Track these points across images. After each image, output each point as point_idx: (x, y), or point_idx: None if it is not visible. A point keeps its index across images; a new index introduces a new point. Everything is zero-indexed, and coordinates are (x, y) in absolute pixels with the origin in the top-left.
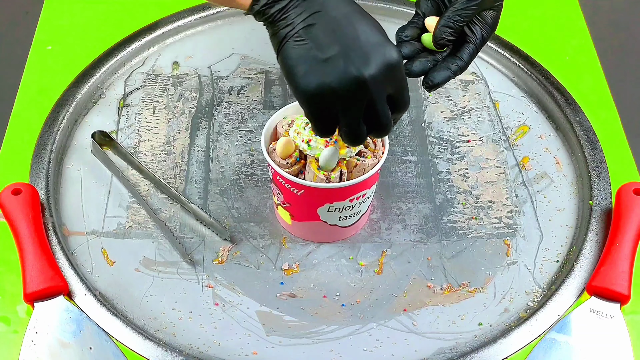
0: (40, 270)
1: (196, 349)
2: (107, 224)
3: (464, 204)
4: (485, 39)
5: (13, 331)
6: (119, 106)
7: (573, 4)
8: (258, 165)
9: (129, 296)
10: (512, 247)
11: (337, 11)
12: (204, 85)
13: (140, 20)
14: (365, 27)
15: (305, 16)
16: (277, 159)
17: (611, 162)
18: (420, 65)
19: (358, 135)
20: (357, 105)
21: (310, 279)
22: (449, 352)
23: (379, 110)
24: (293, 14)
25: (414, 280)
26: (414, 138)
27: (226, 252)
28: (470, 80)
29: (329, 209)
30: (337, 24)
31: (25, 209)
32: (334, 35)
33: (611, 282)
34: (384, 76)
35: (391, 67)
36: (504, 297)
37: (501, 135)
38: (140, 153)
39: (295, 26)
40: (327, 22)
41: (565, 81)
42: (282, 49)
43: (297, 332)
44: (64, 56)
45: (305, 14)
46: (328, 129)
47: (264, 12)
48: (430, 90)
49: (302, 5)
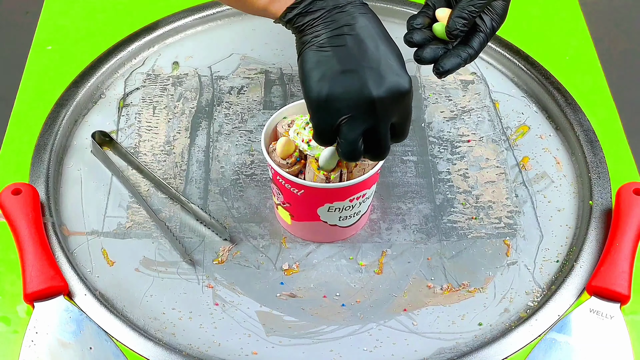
0: (40, 270)
1: (196, 349)
2: (107, 224)
3: (464, 204)
4: (495, 29)
5: (13, 331)
6: (119, 106)
7: (573, 4)
8: (258, 165)
9: (129, 296)
10: (512, 247)
11: (365, 30)
12: (204, 85)
13: (140, 20)
14: (387, 52)
15: (333, 27)
16: (277, 159)
17: (611, 162)
18: (432, 52)
19: (353, 152)
20: (360, 123)
21: (310, 279)
22: (449, 352)
23: (380, 134)
24: (322, 25)
25: (414, 280)
26: (414, 138)
27: (226, 252)
28: (470, 80)
29: (329, 209)
30: (362, 41)
31: (25, 209)
32: (356, 52)
33: (611, 282)
34: (392, 102)
35: (401, 95)
36: (504, 297)
37: (501, 135)
38: (140, 153)
39: (321, 35)
40: (352, 38)
41: (565, 81)
42: (304, 53)
43: (297, 332)
44: (64, 56)
45: (334, 25)
46: (328, 138)
47: (295, 21)
48: (440, 76)
49: (332, 17)
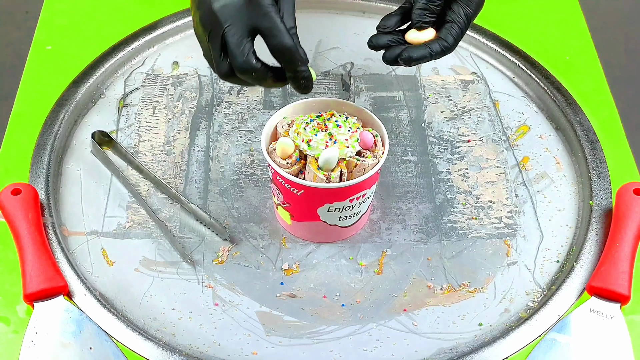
0: (40, 271)
1: (196, 349)
2: (106, 224)
3: (464, 204)
4: (470, 18)
5: (13, 331)
6: (119, 106)
7: (573, 4)
8: (258, 165)
9: (129, 296)
10: (512, 247)
11: None
12: (204, 85)
13: (140, 20)
14: None
15: None
16: (277, 159)
17: (611, 162)
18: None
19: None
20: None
21: (310, 279)
22: (449, 353)
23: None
24: None
25: (414, 281)
26: (414, 138)
27: (226, 252)
28: (470, 80)
29: (329, 209)
30: None
31: (25, 209)
32: None
33: (611, 283)
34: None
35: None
36: (504, 297)
37: (501, 135)
38: (140, 153)
39: None
40: None
41: (566, 81)
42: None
43: (297, 332)
44: (64, 56)
45: None
46: None
47: None
48: (407, 64)
49: None
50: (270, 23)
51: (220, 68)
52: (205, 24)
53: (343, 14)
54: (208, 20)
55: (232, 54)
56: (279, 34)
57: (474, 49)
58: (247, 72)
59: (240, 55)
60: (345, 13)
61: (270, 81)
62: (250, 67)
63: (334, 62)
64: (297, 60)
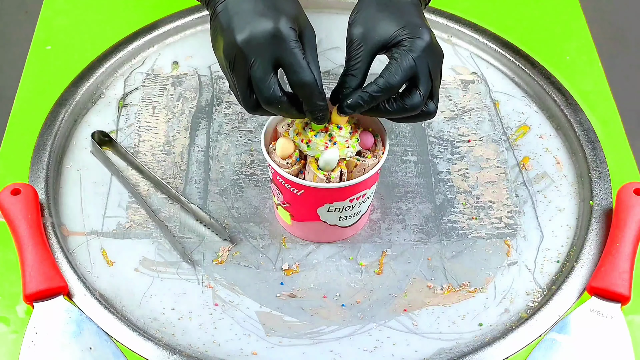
0: (39, 271)
1: (196, 349)
2: (106, 224)
3: (464, 204)
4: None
5: (13, 331)
6: (119, 106)
7: (573, 4)
8: (258, 165)
9: (129, 296)
10: (512, 247)
11: None
12: (204, 85)
13: (140, 20)
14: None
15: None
16: (277, 159)
17: (612, 162)
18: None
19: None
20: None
21: (310, 279)
22: (449, 353)
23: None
24: None
25: (414, 281)
26: (414, 138)
27: (226, 252)
28: (471, 80)
29: (329, 209)
30: None
31: (24, 209)
32: None
33: (611, 283)
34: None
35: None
36: (504, 298)
37: (501, 135)
38: (139, 153)
39: None
40: None
41: (566, 81)
42: None
43: (297, 332)
44: (64, 56)
45: None
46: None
47: None
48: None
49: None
50: (293, 59)
51: (248, 102)
52: (229, 56)
53: (343, 14)
54: (232, 53)
55: (258, 88)
56: (300, 70)
57: (474, 48)
58: (274, 105)
59: (266, 89)
60: (345, 13)
61: (294, 112)
62: (277, 101)
63: (334, 62)
64: (315, 96)
